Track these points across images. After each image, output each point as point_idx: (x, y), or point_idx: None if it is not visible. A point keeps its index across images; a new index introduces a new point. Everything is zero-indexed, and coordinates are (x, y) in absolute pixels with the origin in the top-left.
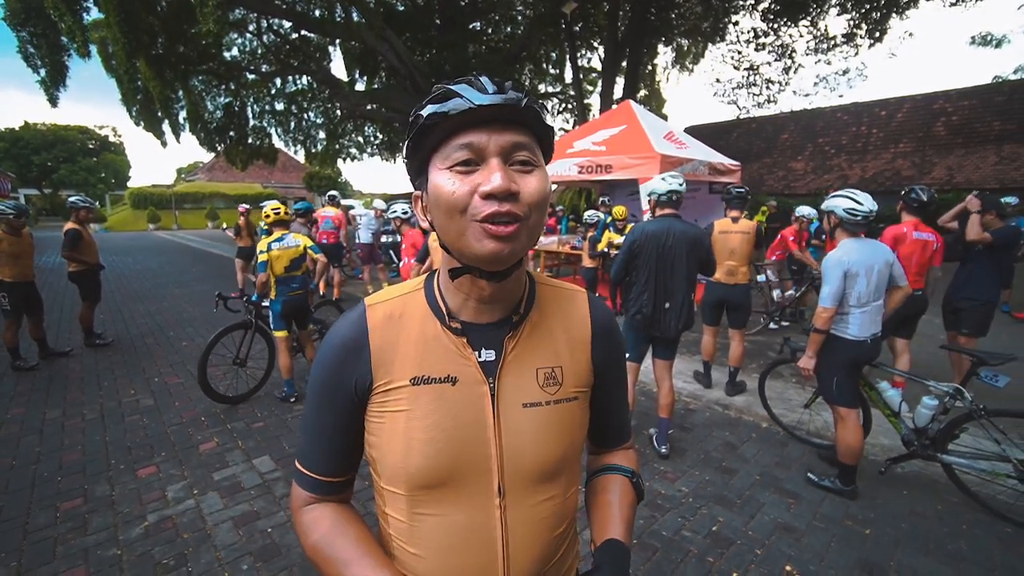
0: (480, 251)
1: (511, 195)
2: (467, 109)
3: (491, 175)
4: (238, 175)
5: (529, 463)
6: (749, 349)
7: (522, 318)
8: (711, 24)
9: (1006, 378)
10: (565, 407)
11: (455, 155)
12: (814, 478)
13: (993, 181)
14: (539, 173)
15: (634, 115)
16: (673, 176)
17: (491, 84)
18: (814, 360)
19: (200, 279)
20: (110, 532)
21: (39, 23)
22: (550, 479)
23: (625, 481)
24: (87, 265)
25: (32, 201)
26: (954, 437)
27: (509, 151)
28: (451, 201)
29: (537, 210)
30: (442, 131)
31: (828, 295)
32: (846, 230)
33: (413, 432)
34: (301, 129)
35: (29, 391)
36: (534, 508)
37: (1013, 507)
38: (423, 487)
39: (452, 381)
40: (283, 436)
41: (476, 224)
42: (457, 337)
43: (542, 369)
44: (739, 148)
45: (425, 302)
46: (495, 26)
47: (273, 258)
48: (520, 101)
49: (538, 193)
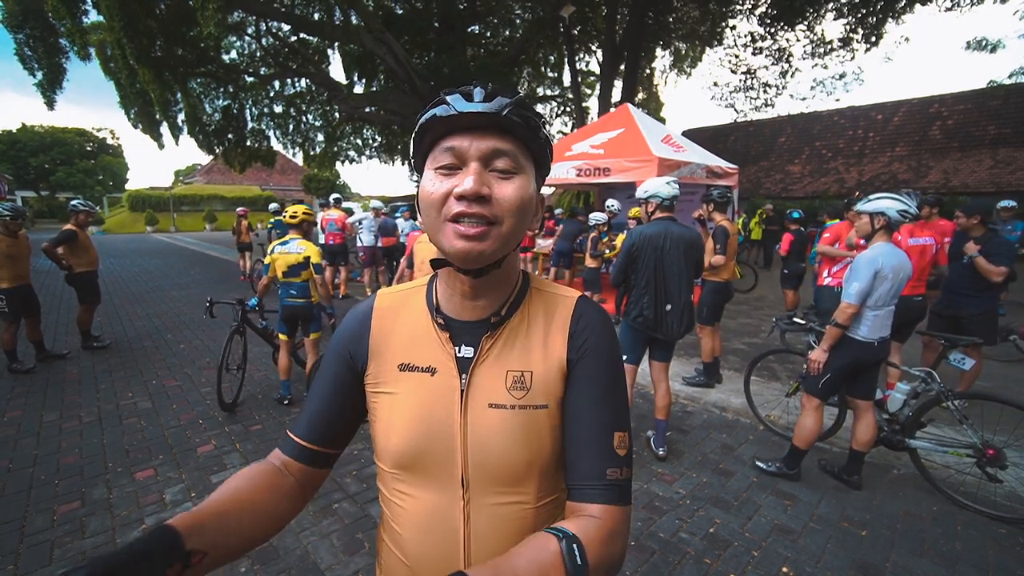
0: (450, 248)
1: (481, 198)
2: (451, 115)
3: (465, 178)
4: (236, 177)
5: (491, 462)
6: (746, 351)
7: (502, 319)
8: (708, 28)
9: (972, 361)
10: (531, 414)
11: (440, 157)
12: (761, 465)
13: (989, 185)
14: (518, 180)
15: (632, 118)
16: (673, 182)
17: (481, 93)
18: (826, 354)
19: (198, 282)
20: (108, 535)
21: (36, 25)
22: (515, 483)
23: (552, 542)
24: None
25: (29, 203)
26: (921, 425)
27: (489, 157)
28: (430, 200)
29: (511, 215)
30: (433, 135)
31: (855, 292)
32: (887, 232)
33: (395, 413)
34: (300, 131)
35: (26, 393)
36: (497, 508)
37: (976, 495)
38: (400, 467)
39: (432, 371)
40: (281, 439)
41: (448, 223)
42: (441, 331)
43: (512, 372)
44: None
45: (424, 297)
46: (494, 29)
47: (273, 260)
48: (501, 109)
49: (513, 199)
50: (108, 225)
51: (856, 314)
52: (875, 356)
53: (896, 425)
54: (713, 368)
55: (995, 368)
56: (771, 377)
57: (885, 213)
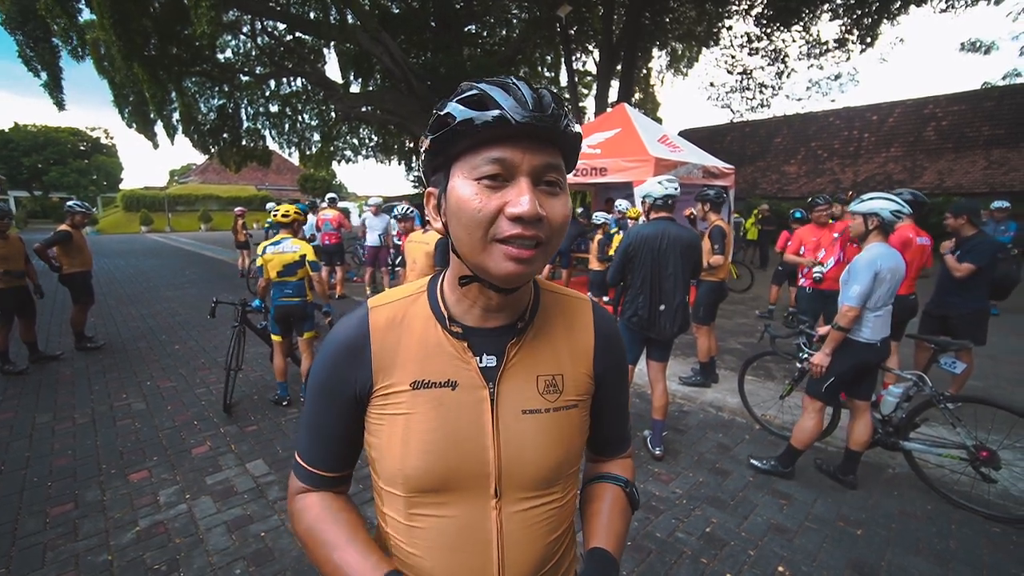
0: (497, 271)
1: (538, 220)
2: (504, 122)
3: (520, 197)
4: (231, 177)
5: (527, 469)
6: (742, 351)
7: (527, 325)
8: (705, 28)
9: (962, 365)
10: (564, 414)
11: (484, 168)
12: (756, 463)
13: (983, 185)
14: (563, 197)
15: (629, 118)
16: (669, 180)
17: (531, 95)
18: (829, 358)
19: (193, 282)
20: (101, 537)
21: (36, 26)
22: (547, 484)
23: (618, 491)
24: (81, 266)
25: (23, 203)
26: (915, 426)
27: (540, 172)
28: (476, 218)
29: (559, 234)
30: (472, 140)
31: (856, 295)
32: (882, 233)
33: (412, 436)
34: (295, 131)
35: (18, 395)
36: (530, 512)
37: (970, 494)
38: (420, 490)
39: (452, 385)
40: (277, 440)
41: (498, 244)
42: (458, 341)
43: (543, 376)
44: (733, 152)
45: (428, 305)
46: (490, 29)
47: (266, 261)
48: (559, 120)
49: (562, 218)
50: (102, 225)
51: (858, 316)
52: (878, 357)
53: (890, 427)
54: (710, 368)
55: (987, 367)
56: (767, 377)
57: (879, 214)
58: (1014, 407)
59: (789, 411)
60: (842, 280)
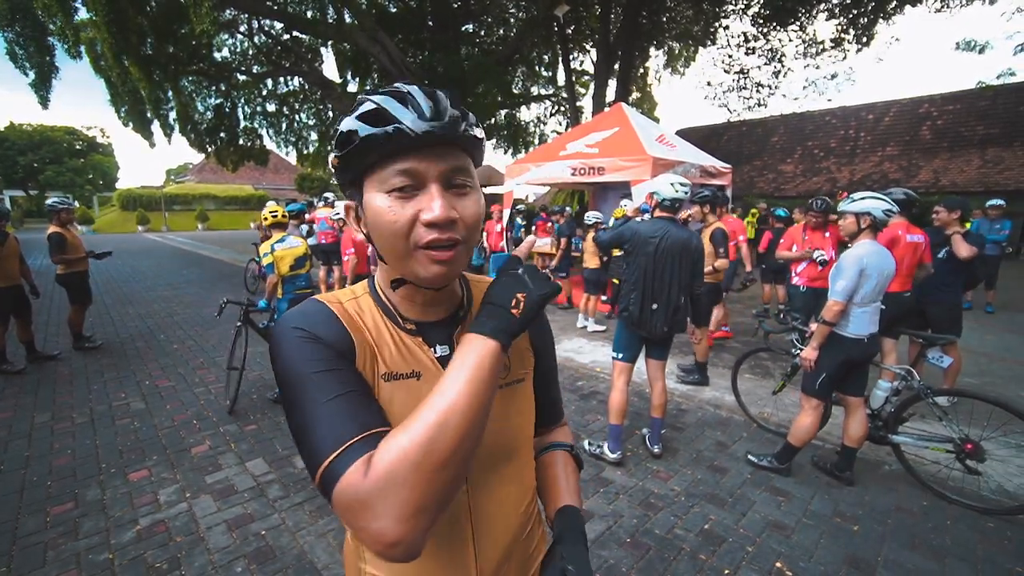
0: (426, 275)
1: (451, 222)
2: (404, 135)
3: (432, 203)
4: (228, 176)
5: (489, 447)
6: (740, 349)
7: (467, 312)
8: (702, 28)
9: (949, 359)
10: (515, 389)
11: (393, 180)
12: (753, 459)
13: (978, 184)
14: (474, 195)
15: (626, 118)
16: (681, 183)
17: (428, 104)
18: (817, 352)
19: (191, 281)
20: (102, 536)
21: (26, 24)
22: (508, 460)
23: (566, 454)
24: (78, 266)
25: (18, 203)
26: (903, 420)
27: (448, 176)
28: (394, 229)
29: (474, 230)
30: (377, 154)
31: (842, 290)
32: (873, 231)
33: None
34: (293, 130)
35: (17, 395)
36: (497, 489)
37: (963, 490)
38: None
39: (417, 376)
40: (276, 438)
41: (420, 250)
42: (413, 337)
43: None
44: (730, 151)
45: (375, 305)
46: (488, 28)
47: (278, 259)
48: (459, 125)
49: (475, 216)
50: (99, 225)
51: (843, 311)
52: (865, 352)
53: (879, 421)
54: (705, 368)
55: (982, 363)
56: (764, 375)
57: (871, 213)
58: (999, 400)
59: (784, 408)
60: (830, 276)
